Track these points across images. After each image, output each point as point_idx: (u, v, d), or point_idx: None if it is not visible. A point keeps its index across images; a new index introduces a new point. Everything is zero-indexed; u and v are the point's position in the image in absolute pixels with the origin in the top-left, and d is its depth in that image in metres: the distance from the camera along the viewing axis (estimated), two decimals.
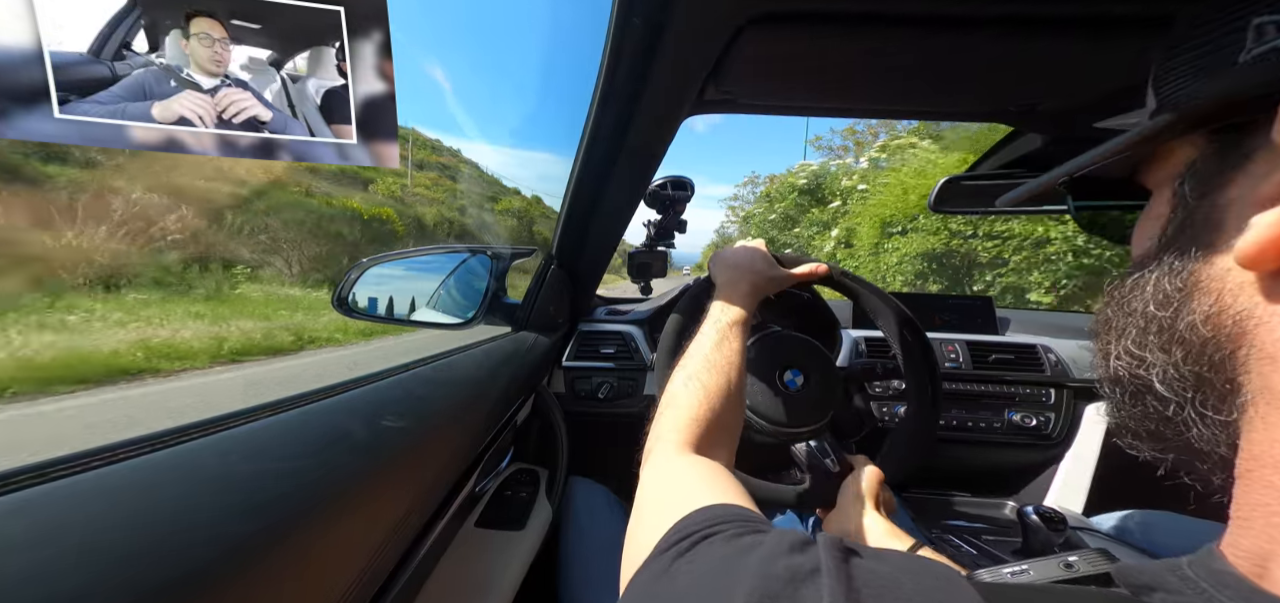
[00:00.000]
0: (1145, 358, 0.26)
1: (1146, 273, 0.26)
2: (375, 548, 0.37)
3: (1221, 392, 0.23)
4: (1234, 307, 0.22)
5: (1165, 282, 0.25)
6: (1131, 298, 0.27)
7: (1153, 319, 0.25)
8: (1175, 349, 0.24)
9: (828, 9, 0.52)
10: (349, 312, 0.83)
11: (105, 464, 0.25)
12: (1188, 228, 0.25)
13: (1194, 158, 0.26)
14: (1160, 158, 0.29)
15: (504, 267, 0.98)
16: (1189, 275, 0.24)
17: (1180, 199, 0.26)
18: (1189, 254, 0.24)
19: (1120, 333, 0.27)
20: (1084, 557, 0.33)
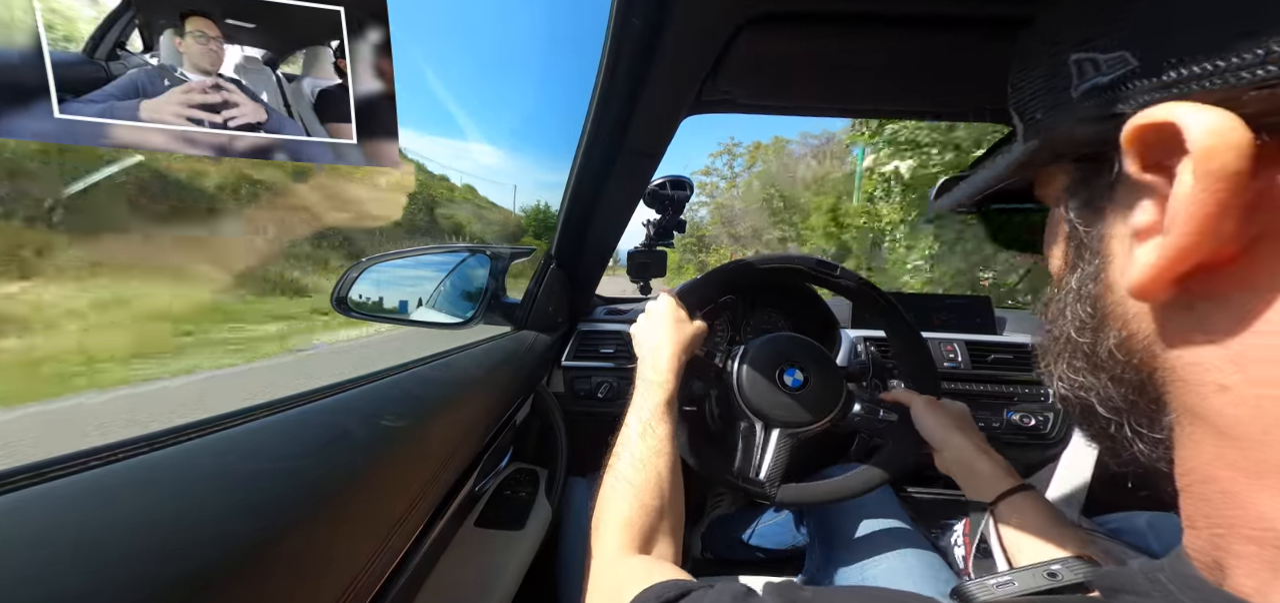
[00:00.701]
0: (1081, 381, 0.26)
1: (1063, 297, 0.27)
2: (374, 548, 0.37)
3: (1149, 412, 0.23)
4: (1140, 334, 0.22)
5: (1080, 308, 0.25)
6: (1058, 321, 0.27)
7: (1077, 346, 0.26)
8: (1101, 375, 0.25)
9: (826, 9, 0.52)
10: (348, 311, 0.84)
11: (103, 464, 0.25)
12: (1084, 254, 0.25)
13: (1069, 183, 0.26)
14: (1044, 175, 0.29)
15: (503, 266, 0.98)
16: (1095, 303, 0.24)
17: (1070, 226, 0.26)
18: (1090, 282, 0.25)
19: (1056, 356, 0.27)
20: (1067, 565, 0.33)
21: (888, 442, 0.75)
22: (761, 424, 0.71)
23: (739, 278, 0.83)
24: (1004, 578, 0.34)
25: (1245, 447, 0.18)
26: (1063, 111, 0.24)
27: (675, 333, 0.65)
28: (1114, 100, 0.20)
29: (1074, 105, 0.23)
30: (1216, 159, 0.16)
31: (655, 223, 1.24)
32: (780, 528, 1.01)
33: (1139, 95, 0.19)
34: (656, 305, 0.70)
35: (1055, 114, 0.25)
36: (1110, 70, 0.21)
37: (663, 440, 0.54)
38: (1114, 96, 0.20)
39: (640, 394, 0.59)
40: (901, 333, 0.81)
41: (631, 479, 0.50)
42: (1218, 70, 0.17)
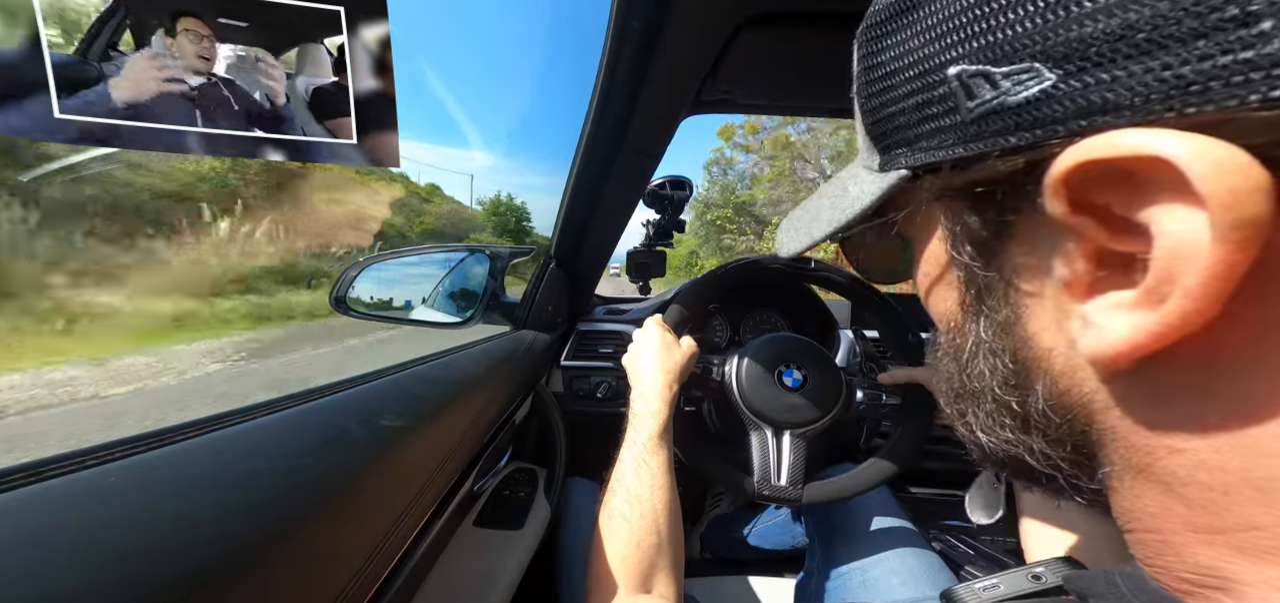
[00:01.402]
0: (1008, 436, 0.23)
1: (966, 346, 0.23)
2: (372, 547, 0.37)
3: (1085, 465, 0.21)
4: (1073, 391, 0.20)
5: (998, 363, 0.22)
6: (970, 370, 0.24)
7: (1002, 401, 0.23)
8: (1034, 433, 0.22)
9: (825, 9, 0.52)
10: (347, 310, 0.83)
11: (100, 464, 0.25)
12: (987, 300, 0.22)
13: (953, 222, 0.22)
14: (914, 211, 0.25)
15: (502, 266, 0.98)
16: (1015, 356, 0.21)
17: (963, 268, 0.22)
18: (1003, 331, 0.21)
19: (976, 407, 0.24)
20: (1051, 568, 0.33)
21: (896, 427, 0.75)
22: (771, 430, 0.71)
23: (711, 288, 0.84)
24: (991, 582, 0.34)
25: (1197, 509, 0.16)
26: (947, 138, 0.20)
27: (664, 360, 0.64)
28: (1028, 125, 0.16)
29: (966, 130, 0.19)
30: (1242, 207, 0.13)
31: (655, 223, 1.24)
32: (779, 528, 1.01)
33: (1067, 119, 0.15)
34: (644, 334, 0.69)
35: (933, 140, 0.20)
36: (1017, 88, 0.16)
37: (657, 473, 0.53)
38: (1027, 120, 0.16)
39: (633, 427, 0.58)
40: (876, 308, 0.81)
41: (628, 516, 0.50)
42: (1195, 86, 0.13)
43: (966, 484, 0.61)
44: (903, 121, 0.22)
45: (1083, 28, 0.15)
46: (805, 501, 0.68)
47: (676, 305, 0.77)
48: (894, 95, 0.22)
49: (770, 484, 0.68)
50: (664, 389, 0.61)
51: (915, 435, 0.72)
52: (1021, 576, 0.33)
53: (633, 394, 0.63)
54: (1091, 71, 0.15)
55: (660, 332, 0.68)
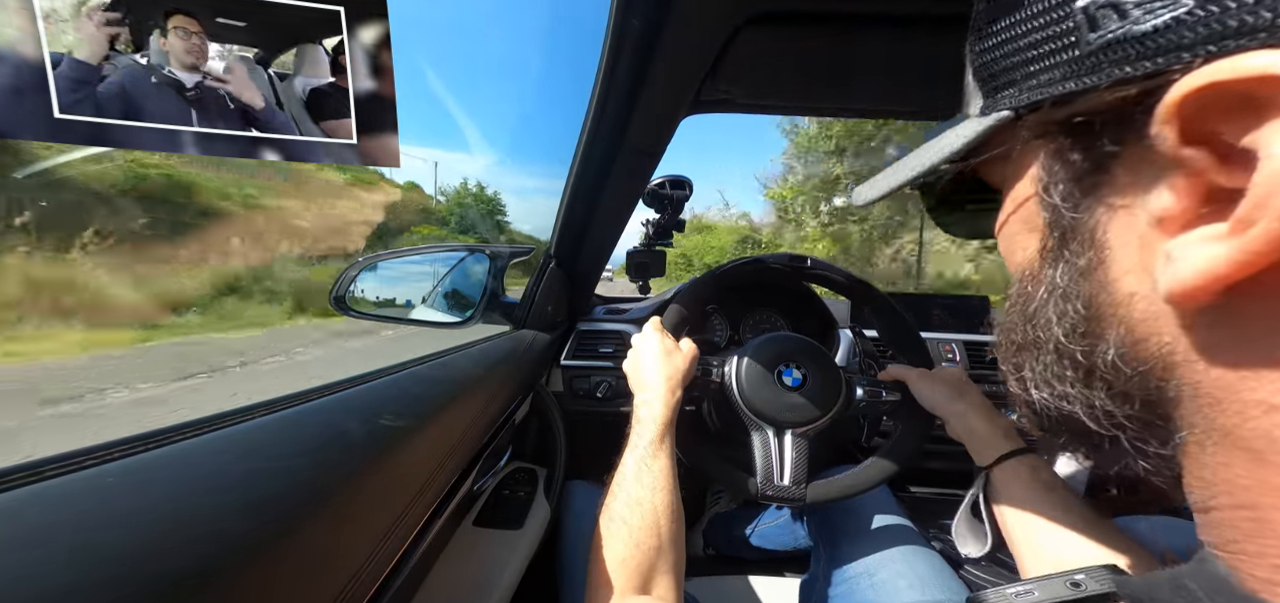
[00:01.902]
0: (1066, 392, 0.23)
1: (1038, 293, 0.23)
2: (372, 547, 0.37)
3: (1155, 428, 0.20)
4: (1153, 340, 0.19)
5: (1069, 308, 0.21)
6: (1035, 322, 0.23)
7: (1066, 351, 0.22)
8: (1098, 386, 0.21)
9: (825, 9, 0.52)
10: (346, 310, 0.83)
11: (98, 464, 0.25)
12: (1070, 243, 0.21)
13: (1051, 161, 0.22)
14: (1005, 156, 0.25)
15: (502, 265, 0.98)
16: (1090, 303, 0.21)
17: (1051, 210, 0.22)
18: (1081, 277, 0.21)
19: (1035, 359, 0.24)
20: (1091, 574, 0.31)
21: (897, 423, 0.76)
22: (773, 430, 0.71)
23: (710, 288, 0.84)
24: (1025, 588, 0.32)
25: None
26: (1059, 72, 0.20)
27: (665, 366, 0.64)
28: (1151, 53, 0.16)
29: (1082, 64, 0.18)
30: None
31: (655, 223, 1.24)
32: (781, 529, 1.01)
33: (1197, 45, 0.15)
34: (644, 340, 0.69)
35: (1045, 76, 0.20)
36: (1150, 15, 0.16)
37: (659, 476, 0.53)
38: (1151, 48, 0.16)
39: (635, 432, 0.58)
40: (878, 308, 0.81)
41: (627, 519, 0.50)
42: None
43: (967, 484, 0.61)
44: (1017, 60, 0.22)
45: None
46: (809, 500, 0.68)
47: (675, 307, 0.76)
48: (1014, 34, 0.22)
49: (774, 484, 0.68)
50: (666, 394, 0.61)
51: (917, 433, 0.72)
52: (1059, 583, 0.31)
53: (635, 400, 0.62)
54: None
55: (659, 337, 0.68)
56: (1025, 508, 0.51)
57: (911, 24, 0.53)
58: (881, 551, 0.69)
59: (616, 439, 0.61)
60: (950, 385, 0.66)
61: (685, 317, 0.76)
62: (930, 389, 0.67)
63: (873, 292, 0.83)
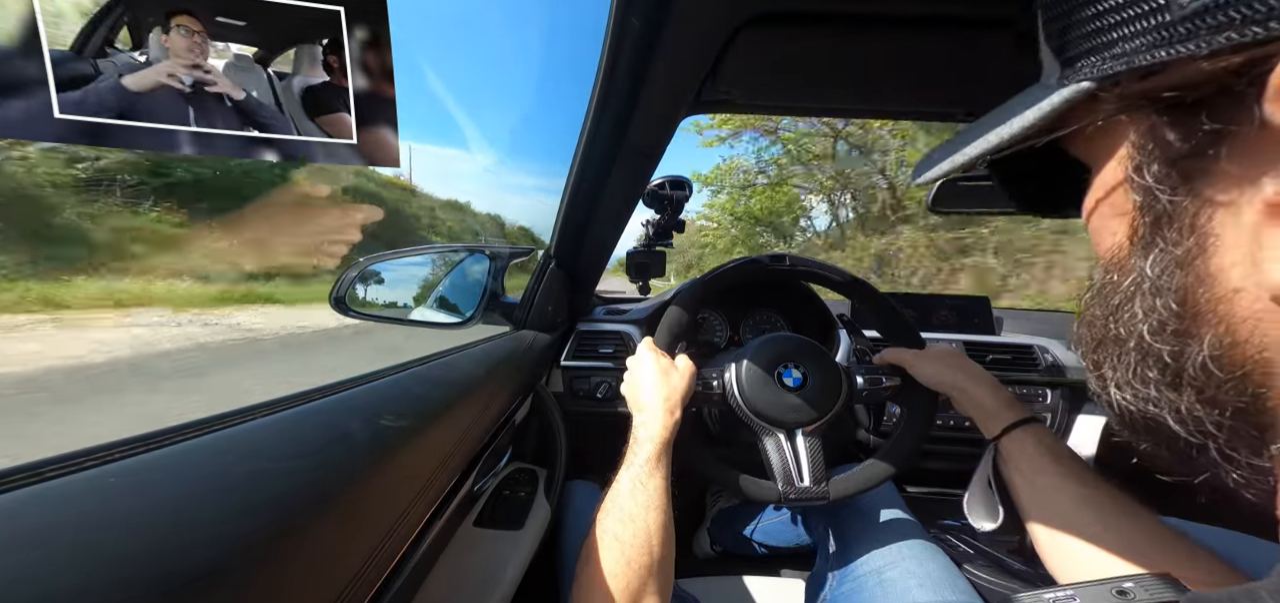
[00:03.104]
0: (1150, 394, 0.21)
1: (1125, 284, 0.21)
2: (372, 547, 0.37)
3: (1249, 437, 0.19)
4: (1254, 340, 0.17)
5: (1157, 303, 0.20)
6: (1119, 317, 0.21)
7: (1151, 350, 0.20)
8: (1186, 390, 0.19)
9: (825, 9, 0.52)
10: (346, 311, 0.83)
11: (99, 464, 0.25)
12: (1166, 230, 0.19)
13: (1144, 140, 0.20)
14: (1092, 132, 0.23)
15: (502, 266, 0.98)
16: (1185, 298, 0.19)
17: (1144, 193, 0.20)
18: (1177, 269, 0.19)
19: (1116, 358, 0.22)
20: (1140, 584, 0.28)
21: (902, 409, 0.76)
22: (784, 434, 0.71)
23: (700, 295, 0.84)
24: (1065, 593, 0.30)
25: None
26: (1147, 39, 0.17)
27: (663, 388, 0.63)
28: (1261, 17, 0.14)
29: (1174, 29, 0.16)
30: None
31: (654, 223, 1.24)
32: (783, 526, 1.01)
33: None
34: (639, 362, 0.68)
35: (1130, 44, 0.18)
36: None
37: (654, 495, 0.53)
38: (1263, 12, 0.14)
39: (632, 450, 0.58)
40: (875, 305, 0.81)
41: (620, 535, 0.50)
42: None
43: (967, 484, 0.61)
44: (1097, 25, 0.19)
45: None
46: (832, 497, 0.67)
47: (667, 319, 0.75)
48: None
49: (795, 487, 0.68)
50: (665, 417, 0.60)
51: (922, 417, 0.72)
52: (1105, 591, 0.29)
53: (635, 423, 0.62)
54: None
55: (655, 358, 0.67)
56: (1036, 480, 0.50)
57: (912, 24, 0.53)
58: (890, 548, 0.69)
59: (617, 440, 0.61)
60: (949, 361, 0.66)
61: (679, 328, 0.75)
62: (931, 367, 0.67)
63: (869, 290, 0.83)
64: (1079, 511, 0.46)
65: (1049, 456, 0.51)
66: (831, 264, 0.86)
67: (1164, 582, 0.29)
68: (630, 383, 0.68)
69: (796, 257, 0.83)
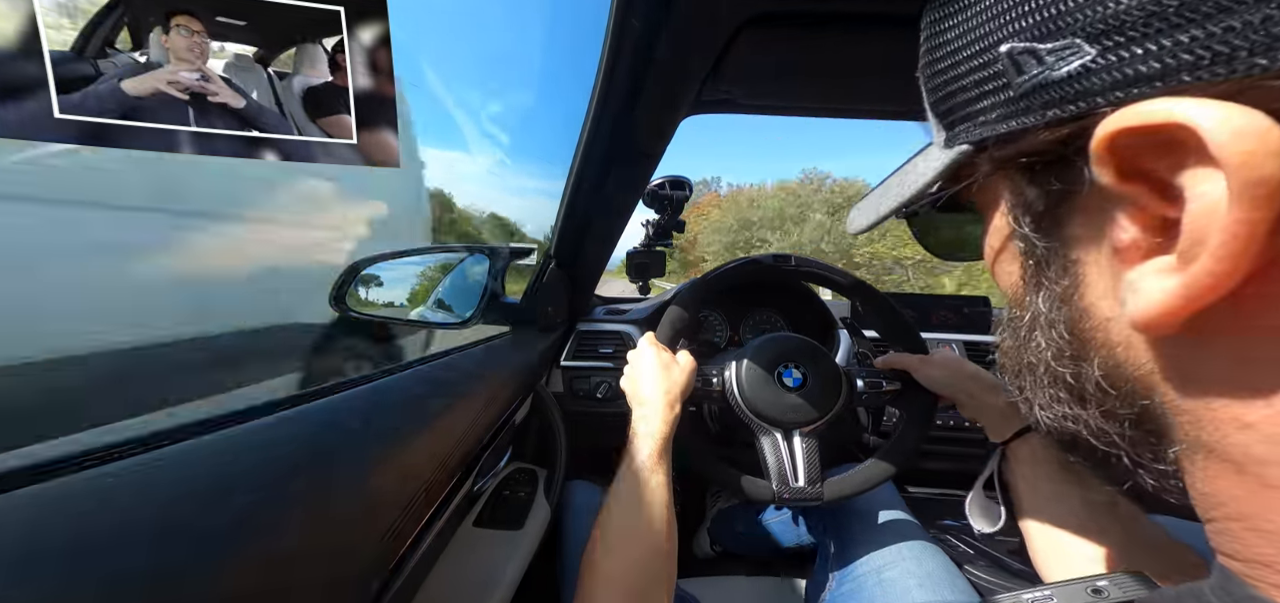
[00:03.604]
0: (1063, 411, 0.23)
1: (1026, 319, 0.24)
2: (373, 547, 0.37)
3: (1150, 445, 0.21)
4: (1131, 362, 0.19)
5: (1053, 334, 0.22)
6: (1027, 343, 0.24)
7: (1056, 374, 0.22)
8: (1089, 407, 0.22)
9: (826, 9, 0.52)
10: (346, 310, 0.83)
11: (99, 464, 0.25)
12: (1047, 271, 0.22)
13: (1013, 195, 0.23)
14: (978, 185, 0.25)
15: (502, 266, 0.98)
16: (1071, 327, 0.21)
17: (1023, 241, 0.23)
18: (1062, 302, 0.21)
19: (1032, 384, 0.24)
20: (1114, 581, 0.30)
21: (899, 419, 0.76)
22: (781, 433, 0.71)
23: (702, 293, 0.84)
24: (1043, 593, 0.32)
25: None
26: (999, 112, 0.20)
27: (664, 382, 0.63)
28: (1071, 98, 0.17)
29: (1016, 104, 0.19)
30: (1258, 168, 0.13)
31: (654, 223, 1.24)
32: (784, 525, 1.01)
33: (1105, 91, 0.16)
34: (640, 357, 0.68)
35: (990, 115, 0.21)
36: (1060, 63, 0.17)
37: (656, 491, 0.53)
38: (1070, 92, 0.17)
39: (632, 447, 0.58)
40: (875, 305, 0.81)
41: (622, 530, 0.50)
42: (1221, 55, 0.14)
43: (967, 485, 0.61)
44: (963, 99, 0.23)
45: (1119, 4, 0.15)
46: (826, 498, 0.67)
47: (669, 316, 0.75)
48: (956, 73, 0.23)
49: (790, 487, 0.68)
50: (665, 411, 0.60)
51: (921, 421, 0.72)
52: (1079, 590, 0.31)
53: (634, 416, 0.62)
54: (1126, 46, 0.15)
55: (656, 352, 0.67)
56: (1040, 486, 0.51)
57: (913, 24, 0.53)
58: (889, 548, 0.69)
59: (617, 440, 0.61)
60: (955, 366, 0.67)
61: (680, 325, 0.75)
62: (937, 372, 0.67)
63: (871, 291, 0.83)
64: (1078, 516, 0.46)
65: (1056, 462, 0.51)
66: (833, 265, 0.86)
67: (1136, 579, 0.31)
68: (630, 377, 0.67)
69: (801, 257, 0.83)
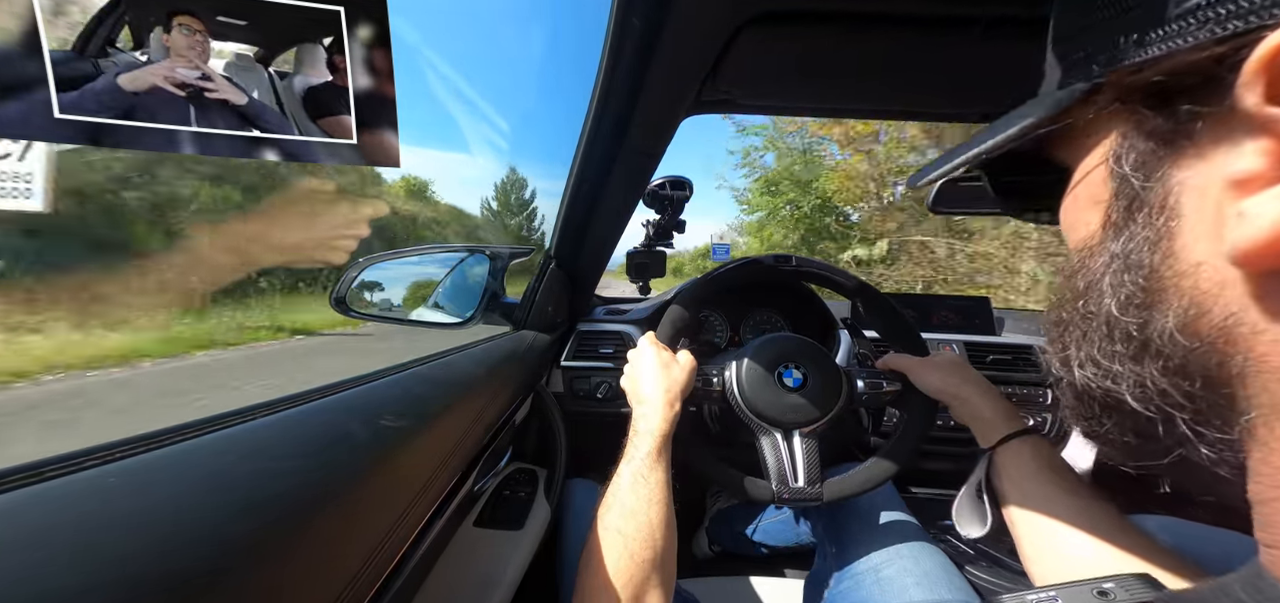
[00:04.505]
0: (1113, 369, 0.22)
1: (1096, 266, 0.23)
2: (372, 547, 0.37)
3: (1216, 407, 0.20)
4: (1216, 310, 0.18)
5: (1125, 279, 0.21)
6: (1088, 297, 0.23)
7: (1117, 324, 0.21)
8: (1148, 363, 0.21)
9: (826, 9, 0.52)
10: (347, 311, 0.83)
11: (99, 464, 0.25)
12: (1137, 214, 0.21)
13: (1126, 131, 0.22)
14: (1078, 131, 0.25)
15: (502, 266, 0.98)
16: (1151, 273, 0.20)
17: (1120, 181, 0.22)
18: (1145, 246, 0.21)
19: (1081, 337, 0.24)
20: (1121, 584, 0.30)
21: (899, 419, 0.76)
22: (781, 434, 0.71)
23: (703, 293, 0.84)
24: (1047, 594, 0.31)
25: None
26: (1142, 37, 0.19)
27: (664, 380, 0.63)
28: (1244, 12, 0.16)
29: (1166, 28, 0.18)
30: None
31: (655, 223, 1.24)
32: (784, 525, 1.01)
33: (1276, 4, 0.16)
34: (640, 355, 0.68)
35: (1130, 39, 0.20)
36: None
37: (655, 489, 0.53)
38: (1245, 7, 0.16)
39: (632, 444, 0.58)
40: (876, 306, 0.81)
41: (622, 529, 0.50)
42: None
43: None
44: (1100, 28, 0.22)
45: None
46: (826, 498, 0.67)
47: (670, 315, 0.75)
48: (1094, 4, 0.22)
49: (789, 487, 0.68)
50: (664, 409, 0.60)
51: (921, 423, 0.72)
52: (1085, 592, 0.30)
53: (634, 413, 0.62)
54: None
55: (656, 351, 0.67)
56: (1028, 490, 0.51)
57: (913, 24, 0.53)
58: (888, 547, 0.69)
59: (617, 440, 0.61)
60: (950, 369, 0.67)
61: (681, 324, 0.75)
62: (932, 375, 0.67)
63: (872, 292, 0.83)
64: (1066, 521, 0.46)
65: (1044, 467, 0.51)
66: (834, 265, 0.86)
67: (1143, 582, 0.30)
68: (630, 375, 0.68)
69: (801, 258, 0.83)
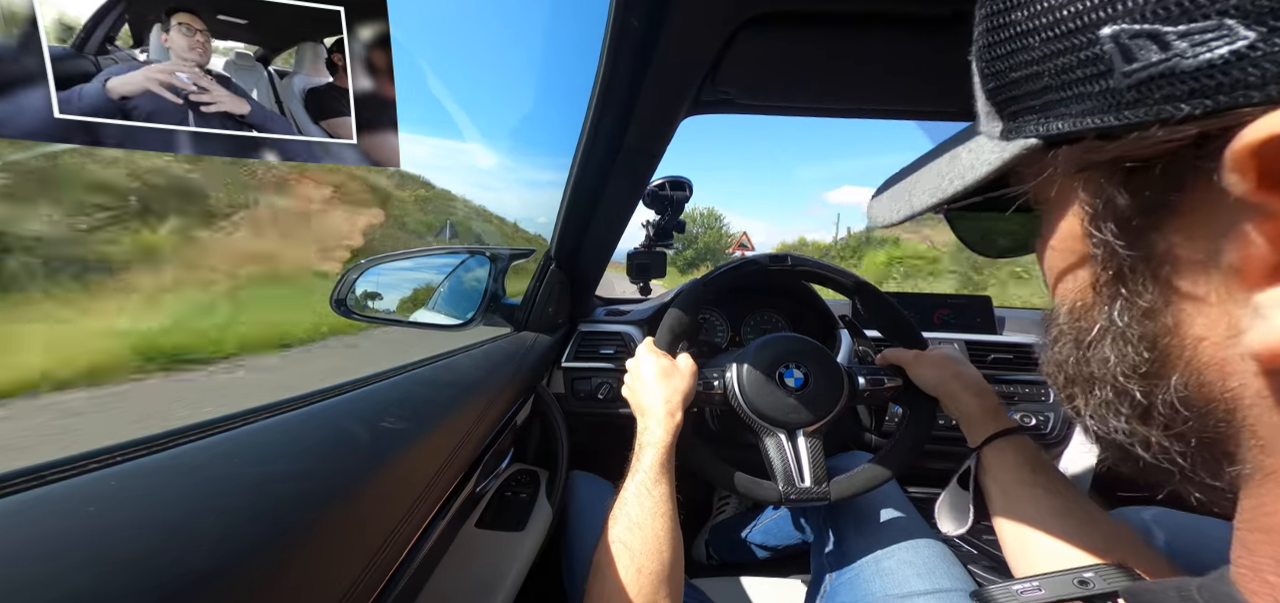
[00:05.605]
0: (1120, 427, 0.22)
1: (1093, 329, 0.22)
2: (375, 550, 0.37)
3: (1211, 465, 0.20)
4: (1219, 384, 0.18)
5: (1128, 350, 0.20)
6: (1091, 354, 0.22)
7: (1124, 391, 0.21)
8: (1154, 427, 0.20)
9: (826, 9, 0.52)
10: (347, 312, 0.83)
11: (104, 467, 0.25)
12: (1126, 281, 0.20)
13: (1095, 197, 0.20)
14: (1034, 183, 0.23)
15: (503, 267, 0.98)
16: (1153, 345, 0.19)
17: (1103, 247, 0.20)
18: (1144, 318, 0.19)
19: (1088, 393, 0.23)
20: (1099, 573, 0.31)
21: (904, 408, 0.76)
22: (785, 434, 0.71)
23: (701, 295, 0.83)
24: (1031, 584, 0.32)
25: None
26: (1090, 104, 0.17)
27: (665, 389, 0.63)
28: (1208, 91, 0.14)
29: (1119, 96, 0.16)
30: None
31: (655, 224, 1.24)
32: (783, 524, 1.01)
33: (1262, 84, 0.14)
34: (640, 364, 0.68)
35: (1074, 108, 0.18)
36: (1196, 50, 0.14)
37: (660, 501, 0.53)
38: (1207, 85, 0.14)
39: (637, 457, 0.58)
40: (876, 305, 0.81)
41: (628, 542, 0.50)
42: None
43: None
44: (1035, 87, 0.19)
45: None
46: (834, 497, 0.67)
47: (668, 320, 0.75)
48: (1026, 57, 0.19)
49: (796, 487, 0.68)
50: (666, 419, 0.60)
51: (924, 417, 0.72)
52: (1067, 581, 0.31)
53: (639, 427, 0.62)
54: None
55: (655, 359, 0.67)
56: (1011, 489, 0.51)
57: (912, 24, 0.53)
58: (889, 539, 0.69)
59: (618, 440, 0.60)
60: (943, 365, 0.67)
61: (679, 329, 0.75)
62: (926, 370, 0.68)
63: (872, 290, 0.83)
64: (1047, 520, 0.47)
65: (1027, 467, 0.52)
66: (833, 265, 0.86)
67: (1120, 571, 0.31)
68: (631, 385, 0.68)
69: (798, 256, 0.83)
